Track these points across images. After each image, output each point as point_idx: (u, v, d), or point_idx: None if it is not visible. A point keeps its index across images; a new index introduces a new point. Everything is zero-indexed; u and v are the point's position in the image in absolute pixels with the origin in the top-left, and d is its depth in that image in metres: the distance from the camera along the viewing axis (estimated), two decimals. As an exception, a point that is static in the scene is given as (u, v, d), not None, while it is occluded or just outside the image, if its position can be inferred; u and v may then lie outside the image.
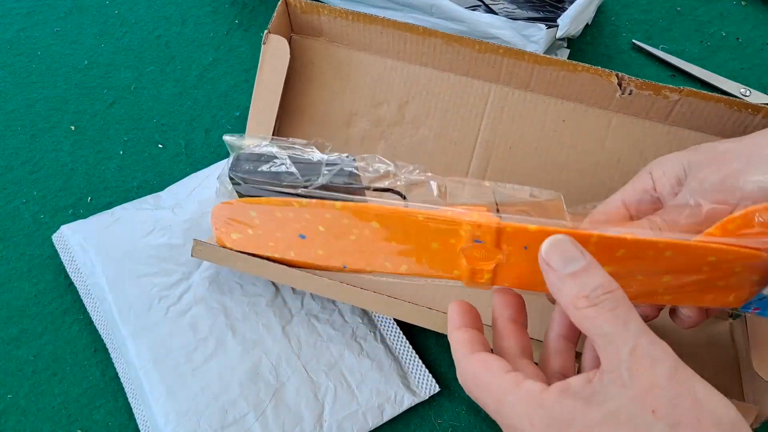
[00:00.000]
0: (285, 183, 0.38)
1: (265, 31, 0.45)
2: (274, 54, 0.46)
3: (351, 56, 0.49)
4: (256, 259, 0.42)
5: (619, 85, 0.43)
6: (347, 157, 0.39)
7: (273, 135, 0.50)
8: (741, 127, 0.43)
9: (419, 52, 0.47)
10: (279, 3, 0.46)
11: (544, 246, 0.30)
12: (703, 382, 0.27)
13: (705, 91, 0.43)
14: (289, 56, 0.46)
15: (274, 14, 0.46)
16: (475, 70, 0.47)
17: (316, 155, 0.38)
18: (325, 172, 0.38)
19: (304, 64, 0.49)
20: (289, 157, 0.38)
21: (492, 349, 0.33)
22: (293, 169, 0.38)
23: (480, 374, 0.31)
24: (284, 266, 0.41)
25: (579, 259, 0.29)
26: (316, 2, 0.47)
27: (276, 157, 0.38)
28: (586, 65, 0.44)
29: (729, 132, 0.44)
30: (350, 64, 0.49)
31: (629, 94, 0.44)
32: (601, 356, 0.28)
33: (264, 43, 0.45)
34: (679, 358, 0.27)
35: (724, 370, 0.44)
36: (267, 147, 0.39)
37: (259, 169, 0.39)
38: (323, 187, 0.38)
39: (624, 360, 0.27)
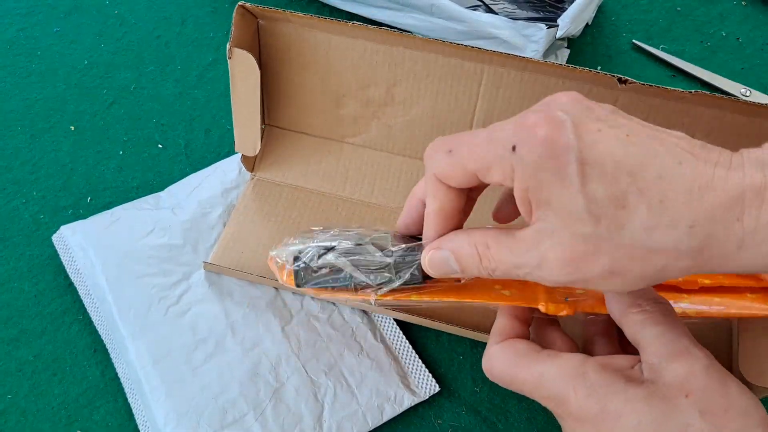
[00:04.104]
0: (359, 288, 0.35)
1: (228, 45, 0.43)
2: (242, 68, 0.44)
3: (328, 40, 0.46)
4: (264, 279, 0.45)
5: (624, 83, 0.41)
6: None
7: (266, 113, 0.50)
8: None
9: (400, 40, 0.45)
10: (234, 11, 0.43)
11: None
12: (736, 381, 0.30)
13: (716, 94, 0.39)
14: (258, 71, 0.44)
15: (231, 29, 0.43)
16: (464, 54, 0.44)
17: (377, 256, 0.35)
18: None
19: (278, 49, 0.47)
20: (352, 263, 0.35)
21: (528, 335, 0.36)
22: (362, 277, 0.35)
23: (512, 359, 0.34)
24: None
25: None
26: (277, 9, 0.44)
27: (340, 269, 0.35)
28: (584, 69, 0.41)
29: (747, 112, 0.41)
30: (328, 48, 0.46)
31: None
32: (646, 351, 0.31)
33: (229, 58, 0.43)
34: (715, 360, 0.30)
35: (719, 356, 0.44)
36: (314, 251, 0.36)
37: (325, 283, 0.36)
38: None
39: (668, 353, 0.30)
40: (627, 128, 0.28)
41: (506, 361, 0.34)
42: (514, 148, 0.28)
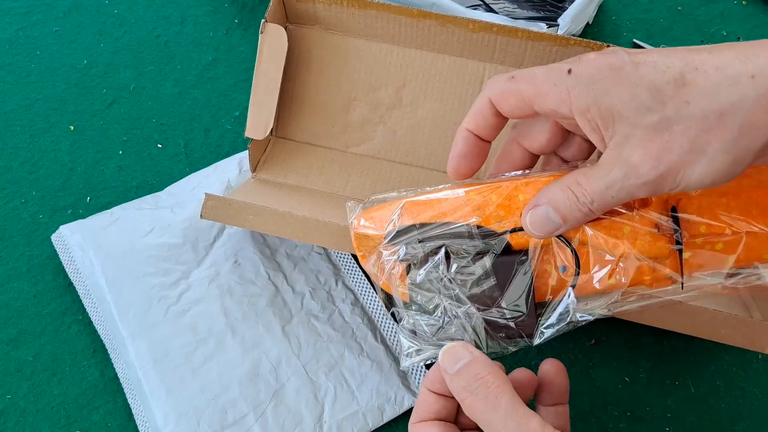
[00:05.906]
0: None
1: (262, 21, 0.45)
2: (272, 43, 0.46)
3: (347, 42, 0.49)
4: (268, 210, 0.42)
5: None
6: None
7: (274, 125, 0.50)
8: None
9: (414, 35, 0.47)
10: None
11: (440, 355, 0.33)
12: None
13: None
14: (287, 45, 0.46)
15: (270, 4, 0.46)
16: (470, 51, 0.47)
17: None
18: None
19: (301, 52, 0.49)
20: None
21: None
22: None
23: None
24: (297, 216, 0.41)
25: (465, 357, 0.32)
26: None
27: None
28: (578, 39, 0.43)
29: None
30: (346, 50, 0.49)
31: None
32: None
33: (261, 33, 0.45)
34: (543, 426, 0.30)
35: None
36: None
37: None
38: None
39: None
40: None
41: None
42: (569, 72, 0.29)
